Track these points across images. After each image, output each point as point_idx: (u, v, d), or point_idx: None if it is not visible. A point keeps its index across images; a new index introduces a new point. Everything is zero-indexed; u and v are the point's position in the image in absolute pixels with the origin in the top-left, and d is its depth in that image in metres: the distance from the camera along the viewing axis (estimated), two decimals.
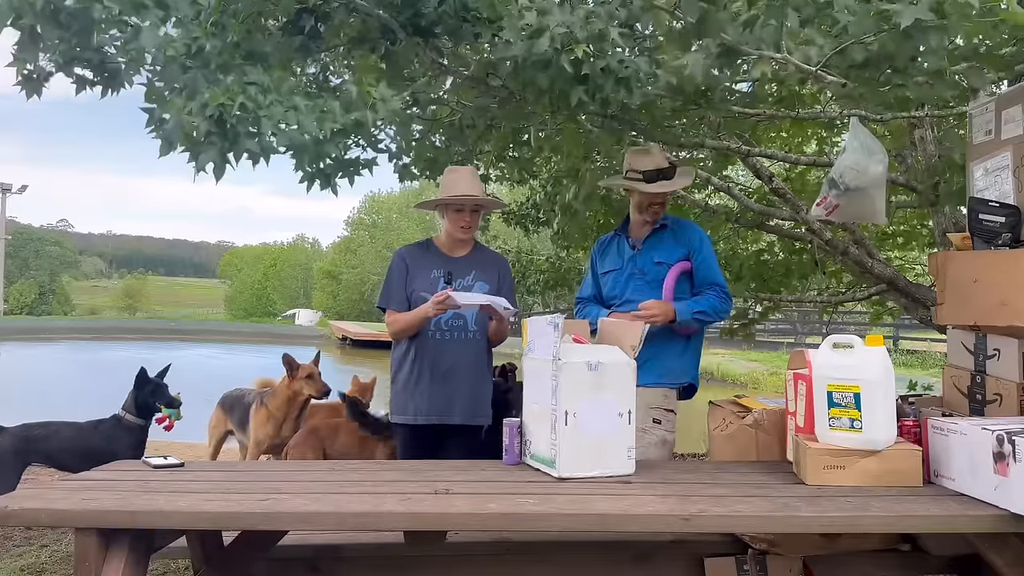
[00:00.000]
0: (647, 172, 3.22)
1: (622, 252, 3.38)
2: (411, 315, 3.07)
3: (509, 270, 3.37)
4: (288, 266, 47.65)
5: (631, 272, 3.30)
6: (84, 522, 2.06)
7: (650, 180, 3.22)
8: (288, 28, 3.08)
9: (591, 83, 2.63)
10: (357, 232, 42.23)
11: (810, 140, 6.06)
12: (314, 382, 4.39)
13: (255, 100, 2.40)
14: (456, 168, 3.29)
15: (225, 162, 2.46)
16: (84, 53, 2.60)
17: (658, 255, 3.27)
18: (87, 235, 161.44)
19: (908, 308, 4.94)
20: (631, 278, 3.30)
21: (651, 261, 3.27)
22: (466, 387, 3.12)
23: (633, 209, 3.38)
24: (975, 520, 2.09)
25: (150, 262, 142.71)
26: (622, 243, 3.40)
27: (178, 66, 2.51)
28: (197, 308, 58.31)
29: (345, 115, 2.54)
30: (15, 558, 3.67)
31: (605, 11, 2.62)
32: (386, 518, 2.09)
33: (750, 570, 2.65)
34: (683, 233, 3.33)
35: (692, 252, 3.27)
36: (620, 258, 3.37)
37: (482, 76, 3.35)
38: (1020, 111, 2.55)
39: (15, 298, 40.62)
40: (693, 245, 3.28)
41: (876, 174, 2.86)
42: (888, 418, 2.31)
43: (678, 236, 3.31)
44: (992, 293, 2.51)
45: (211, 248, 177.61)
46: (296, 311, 38.78)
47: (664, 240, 3.31)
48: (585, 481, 2.36)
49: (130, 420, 3.63)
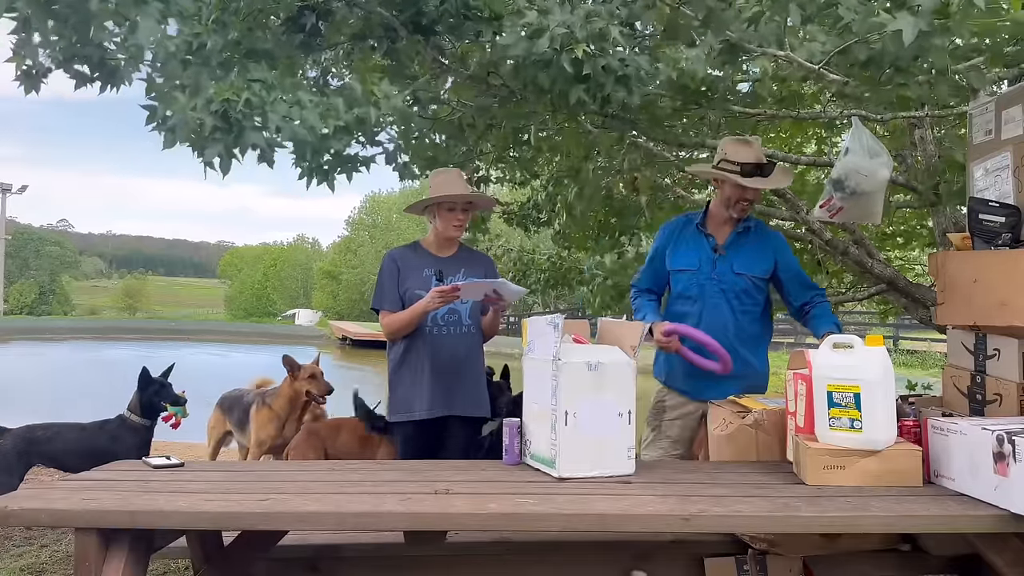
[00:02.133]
0: (745, 165, 2.96)
1: (700, 249, 3.12)
2: (409, 312, 3.08)
3: (496, 268, 3.41)
4: (288, 266, 47.66)
5: (709, 276, 3.08)
6: (84, 522, 2.06)
7: (747, 174, 2.96)
8: (289, 25, 3.08)
9: (592, 82, 2.63)
10: (357, 232, 42.25)
11: (810, 140, 6.06)
12: (318, 382, 4.40)
13: (260, 96, 2.41)
14: (444, 170, 3.32)
15: (231, 156, 2.47)
16: (83, 49, 2.61)
17: (739, 264, 3.06)
18: (87, 235, 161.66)
19: (908, 308, 4.93)
20: (709, 282, 3.08)
21: (731, 269, 3.06)
22: (466, 379, 3.16)
23: (719, 203, 3.11)
24: (975, 520, 2.08)
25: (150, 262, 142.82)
26: (700, 239, 3.13)
27: (178, 63, 2.52)
28: (197, 308, 58.31)
29: (348, 111, 2.55)
30: (15, 558, 3.67)
31: (606, 10, 2.62)
32: (386, 518, 2.09)
33: (750, 570, 2.64)
34: (767, 240, 3.11)
35: (778, 264, 3.09)
36: (698, 257, 3.12)
37: (483, 75, 3.35)
38: (1020, 111, 2.55)
39: (15, 298, 40.62)
40: (778, 256, 3.09)
41: (883, 178, 2.86)
42: (888, 418, 2.31)
43: (763, 243, 3.09)
44: (992, 293, 2.51)
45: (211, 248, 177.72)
46: (296, 311, 38.77)
47: (747, 244, 3.09)
48: (585, 481, 2.36)
49: (135, 420, 3.63)
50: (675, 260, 3.18)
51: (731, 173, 2.97)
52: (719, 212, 3.12)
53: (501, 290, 3.01)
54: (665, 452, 3.22)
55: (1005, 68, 2.85)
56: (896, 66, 2.63)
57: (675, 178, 5.77)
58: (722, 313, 3.07)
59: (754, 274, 3.08)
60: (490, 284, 3.00)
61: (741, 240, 3.10)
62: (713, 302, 3.08)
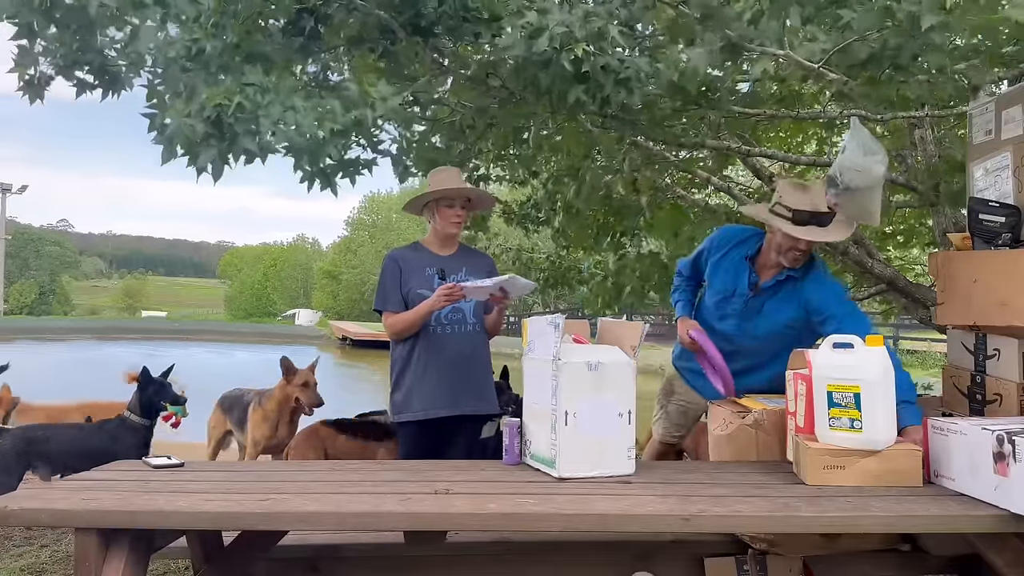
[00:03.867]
0: (798, 212, 2.73)
1: (739, 280, 2.95)
2: (414, 312, 3.07)
3: (495, 267, 3.40)
4: (288, 266, 47.66)
5: (739, 309, 2.96)
6: (84, 522, 2.06)
7: (799, 222, 2.73)
8: (288, 29, 3.08)
9: (591, 82, 2.63)
10: (357, 232, 42.24)
11: (810, 140, 6.07)
12: (308, 391, 4.33)
13: (253, 100, 2.40)
14: (443, 168, 3.33)
15: (224, 162, 2.47)
16: (85, 56, 2.62)
17: (768, 306, 2.92)
18: (87, 235, 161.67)
19: (908, 308, 4.94)
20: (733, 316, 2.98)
21: (758, 310, 2.93)
22: (472, 377, 3.15)
23: (770, 247, 2.89)
24: (975, 520, 2.08)
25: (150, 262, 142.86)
26: (743, 269, 2.95)
27: (178, 68, 2.52)
28: (197, 308, 58.30)
29: (345, 115, 2.55)
30: (15, 558, 3.67)
31: (605, 10, 2.62)
32: (386, 518, 2.09)
33: (750, 570, 2.64)
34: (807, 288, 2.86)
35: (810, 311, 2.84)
36: (734, 285, 2.97)
37: (482, 76, 3.35)
38: (1020, 111, 2.55)
39: (15, 298, 40.64)
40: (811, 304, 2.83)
41: (877, 175, 2.86)
42: (888, 418, 2.31)
43: (799, 291, 2.87)
44: (992, 293, 2.51)
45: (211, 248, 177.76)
46: (296, 311, 38.78)
47: (782, 291, 2.90)
48: (585, 481, 2.36)
49: (135, 420, 3.63)
50: (713, 273, 3.06)
51: (781, 220, 2.75)
52: (768, 255, 2.92)
53: (511, 287, 2.99)
54: (668, 433, 3.34)
55: (1004, 68, 2.85)
56: (896, 65, 2.63)
57: (675, 178, 5.77)
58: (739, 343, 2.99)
59: (779, 320, 2.92)
60: (499, 282, 2.98)
61: (781, 285, 2.92)
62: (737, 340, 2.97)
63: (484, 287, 2.98)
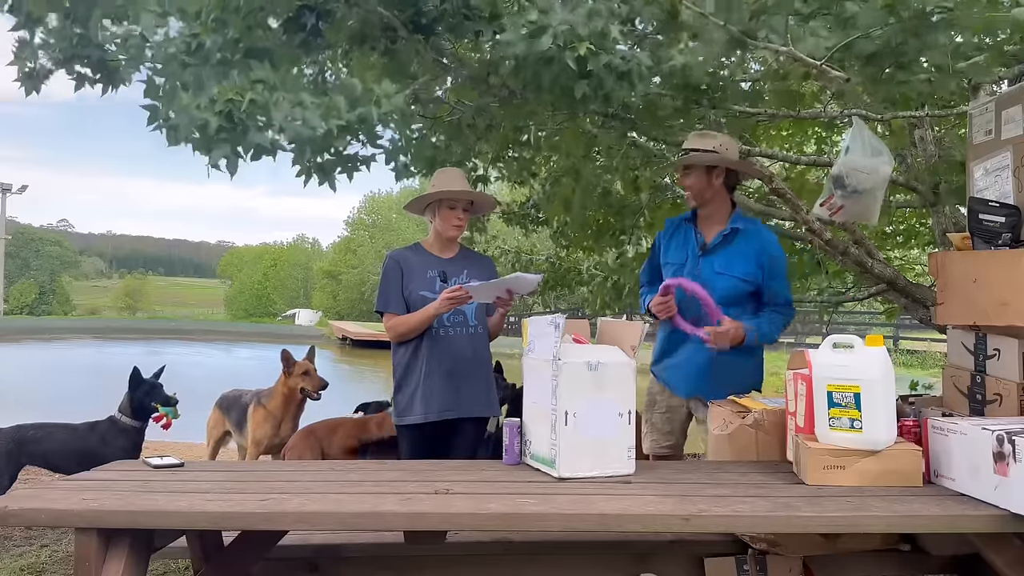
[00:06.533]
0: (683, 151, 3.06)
1: (687, 245, 3.14)
2: (418, 315, 3.07)
3: (496, 269, 3.40)
4: (288, 266, 47.68)
5: (692, 273, 3.07)
6: (84, 522, 2.05)
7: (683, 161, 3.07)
8: (289, 25, 3.08)
9: (593, 79, 2.63)
10: (357, 232, 42.25)
11: (810, 140, 6.06)
12: (311, 378, 4.39)
13: (263, 96, 2.41)
14: (447, 169, 3.32)
15: (238, 156, 2.47)
16: (84, 50, 2.62)
17: (720, 263, 3.05)
18: (87, 235, 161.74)
19: (908, 308, 4.93)
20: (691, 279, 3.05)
21: (712, 269, 3.05)
22: (474, 380, 3.16)
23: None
24: (975, 520, 2.08)
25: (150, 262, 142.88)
26: (690, 234, 3.15)
27: (178, 63, 2.52)
28: (197, 308, 58.30)
29: (350, 111, 2.55)
30: (15, 558, 3.66)
31: (606, 8, 2.62)
32: (386, 518, 2.09)
33: (750, 570, 2.64)
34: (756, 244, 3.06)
35: (763, 273, 3.04)
36: (684, 252, 3.14)
37: (483, 75, 3.35)
38: (1020, 111, 2.55)
39: (15, 298, 40.64)
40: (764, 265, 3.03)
41: (884, 175, 2.86)
42: (888, 418, 2.31)
43: (750, 246, 3.05)
44: (992, 293, 2.51)
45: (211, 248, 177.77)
46: (296, 311, 38.79)
47: (734, 246, 3.06)
48: (585, 481, 2.36)
49: (125, 422, 3.62)
50: (665, 254, 3.22)
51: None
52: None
53: (516, 285, 2.97)
54: (657, 444, 3.27)
55: (1005, 68, 2.85)
56: (898, 63, 2.63)
57: (675, 178, 5.76)
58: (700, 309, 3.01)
59: (735, 274, 3.03)
60: (504, 283, 2.96)
61: (728, 240, 3.08)
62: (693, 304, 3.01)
63: (489, 289, 2.97)
